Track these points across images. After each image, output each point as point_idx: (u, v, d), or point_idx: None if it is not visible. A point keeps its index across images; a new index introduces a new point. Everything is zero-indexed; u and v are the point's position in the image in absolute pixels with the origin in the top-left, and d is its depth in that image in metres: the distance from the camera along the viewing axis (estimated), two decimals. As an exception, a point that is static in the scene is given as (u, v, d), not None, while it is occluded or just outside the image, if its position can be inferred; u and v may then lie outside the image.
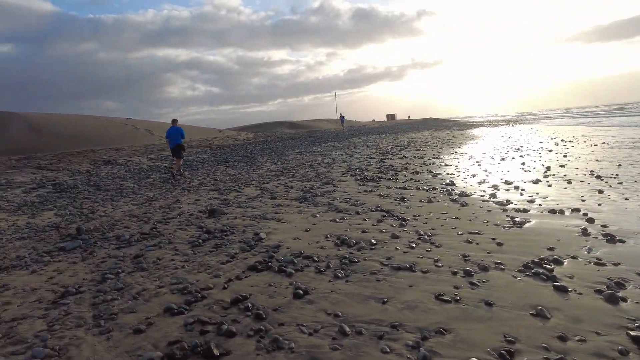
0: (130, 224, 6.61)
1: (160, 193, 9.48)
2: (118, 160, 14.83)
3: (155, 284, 4.08)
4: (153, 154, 17.23)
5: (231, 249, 5.15)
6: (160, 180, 11.29)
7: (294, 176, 11.59)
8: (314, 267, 4.40)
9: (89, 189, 9.95)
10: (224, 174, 12.42)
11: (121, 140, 20.63)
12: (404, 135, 33.67)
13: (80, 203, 8.44)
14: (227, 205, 7.86)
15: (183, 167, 12.86)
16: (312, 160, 16.02)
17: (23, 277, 4.43)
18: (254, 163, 15.32)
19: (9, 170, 12.40)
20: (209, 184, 10.72)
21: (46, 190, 9.76)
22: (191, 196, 8.98)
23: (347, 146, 23.40)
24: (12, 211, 7.74)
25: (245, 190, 9.58)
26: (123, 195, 9.26)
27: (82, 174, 12.13)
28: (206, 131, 30.61)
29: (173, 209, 7.73)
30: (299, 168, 13.36)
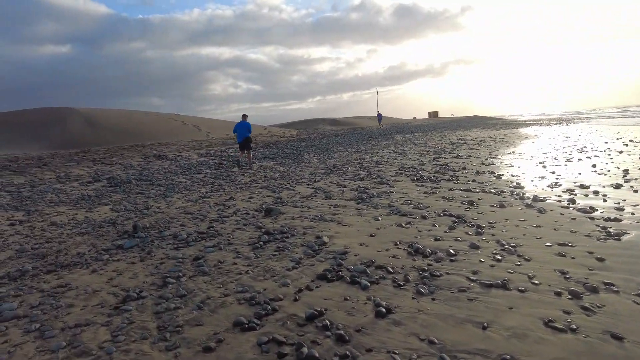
0: (186, 222, 6.40)
1: (213, 189, 9.31)
2: (168, 155, 14.96)
3: (220, 292, 3.76)
4: (201, 150, 17.32)
5: (295, 253, 4.79)
6: (211, 177, 11.18)
7: (345, 174, 11.15)
8: (390, 279, 3.95)
9: (141, 184, 9.96)
10: (273, 171, 12.18)
11: (170, 135, 20.96)
12: (452, 133, 32.44)
13: (134, 198, 8.38)
14: (282, 204, 7.53)
15: (252, 161, 13.69)
16: (360, 158, 15.53)
17: (84, 276, 4.25)
18: (301, 160, 15.02)
19: (67, 163, 12.73)
20: (260, 181, 10.48)
21: (101, 184, 9.84)
22: (244, 193, 8.74)
23: (394, 144, 22.71)
24: (71, 205, 7.77)
25: (298, 188, 9.24)
26: (176, 190, 9.17)
27: (134, 168, 12.25)
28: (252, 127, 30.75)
29: (228, 206, 7.49)
30: (348, 166, 12.91)
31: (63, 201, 8.02)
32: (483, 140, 22.94)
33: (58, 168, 11.79)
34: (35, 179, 10.24)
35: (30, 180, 10.05)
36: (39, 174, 10.79)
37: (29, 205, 7.69)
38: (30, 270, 4.44)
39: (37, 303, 3.62)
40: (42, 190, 8.93)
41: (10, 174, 10.78)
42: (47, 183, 9.73)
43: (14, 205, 7.66)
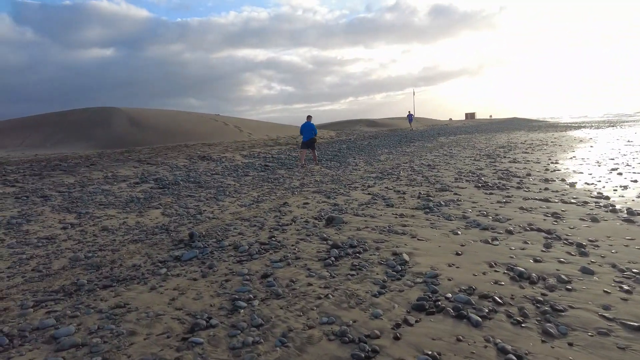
0: (244, 230, 5.90)
1: (264, 193, 8.83)
2: (212, 156, 14.69)
3: (302, 322, 3.19)
4: (244, 151, 17.00)
5: (375, 273, 4.16)
6: (259, 179, 10.73)
7: (399, 179, 10.45)
8: (503, 313, 3.26)
9: (190, 186, 9.61)
10: (321, 174, 11.61)
11: (212, 136, 20.82)
12: (497, 135, 31.00)
13: (185, 201, 8.00)
14: (342, 212, 6.94)
15: (316, 160, 14.48)
16: (409, 161, 14.75)
17: (143, 294, 3.78)
18: (347, 162, 14.39)
19: (113, 163, 12.63)
20: (310, 184, 9.93)
21: (149, 185, 9.57)
22: (297, 198, 8.20)
23: (439, 146, 21.75)
24: (120, 207, 7.46)
25: (353, 194, 8.63)
26: (226, 194, 8.74)
27: (180, 169, 11.99)
28: (289, 129, 30.39)
29: (284, 212, 6.96)
30: (399, 170, 12.18)
31: (112, 203, 7.72)
32: (534, 143, 21.62)
33: (105, 168, 11.68)
34: (84, 179, 10.10)
35: (79, 180, 9.91)
36: (88, 174, 10.67)
37: (79, 207, 7.43)
38: (86, 284, 4.02)
39: (96, 327, 3.16)
40: (92, 191, 8.72)
41: (61, 174, 10.70)
42: (95, 183, 9.54)
43: (65, 206, 7.41)
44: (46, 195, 8.23)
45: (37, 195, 8.19)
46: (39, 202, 7.71)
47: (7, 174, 10.64)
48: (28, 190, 8.63)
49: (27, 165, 12.36)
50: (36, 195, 8.24)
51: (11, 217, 6.68)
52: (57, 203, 7.67)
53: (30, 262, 4.75)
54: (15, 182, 9.46)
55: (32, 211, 7.06)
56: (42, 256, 4.94)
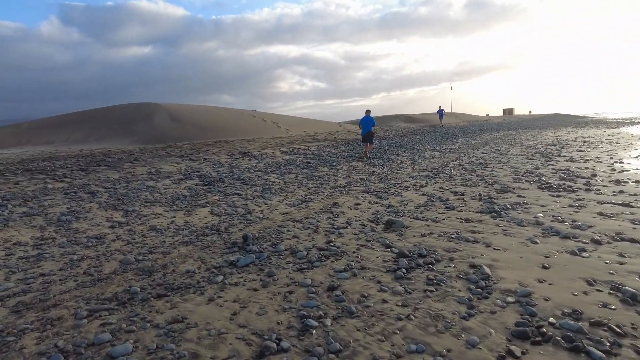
0: (299, 233, 5.52)
1: (311, 192, 8.44)
2: (253, 153, 14.47)
3: (387, 349, 2.75)
4: (284, 147, 16.71)
5: (455, 289, 3.68)
6: (303, 177, 10.36)
7: (452, 179, 9.83)
8: (629, 347, 2.71)
9: (234, 183, 9.35)
10: (366, 172, 11.13)
11: (250, 132, 20.68)
12: (542, 132, 29.53)
13: (232, 200, 7.72)
14: (398, 215, 6.45)
15: (371, 153, 15.03)
16: (457, 158, 14.02)
17: (201, 307, 3.45)
18: (391, 160, 13.82)
19: (156, 158, 12.60)
20: (357, 183, 9.47)
21: (193, 182, 9.38)
22: (347, 198, 7.77)
23: (485, 143, 20.79)
24: (167, 205, 7.25)
25: (405, 194, 8.11)
26: (272, 192, 8.40)
27: (223, 165, 11.79)
28: (325, 124, 29.99)
29: (336, 214, 6.54)
30: (449, 168, 11.52)
31: (158, 201, 7.54)
32: (587, 141, 20.30)
33: (148, 164, 11.63)
34: (128, 174, 10.04)
35: (124, 175, 9.85)
36: (132, 170, 10.62)
37: (125, 204, 7.27)
38: (139, 291, 3.74)
39: (154, 346, 2.84)
40: (137, 187, 8.59)
41: (106, 169, 10.71)
42: (140, 179, 9.44)
43: (112, 203, 7.28)
44: (93, 191, 8.15)
45: (85, 191, 8.12)
46: (87, 198, 7.62)
47: (56, 169, 10.73)
48: (76, 186, 8.60)
49: (74, 160, 12.51)
50: (84, 191, 8.17)
51: (61, 213, 6.58)
52: (104, 200, 7.55)
53: (81, 264, 4.53)
54: (63, 177, 9.49)
55: (80, 208, 6.95)
56: (93, 257, 4.72)
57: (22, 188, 8.37)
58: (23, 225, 5.97)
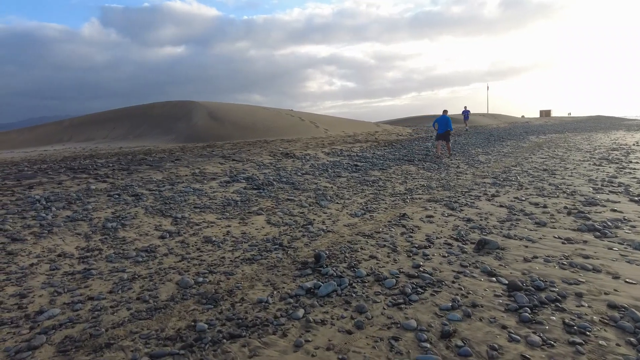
0: (375, 252, 4.74)
1: (369, 199, 7.65)
2: (295, 154, 13.81)
3: None
4: (325, 148, 15.99)
5: (610, 341, 2.81)
6: (354, 181, 9.57)
7: (522, 187, 8.82)
8: None
9: (284, 187, 8.66)
10: (424, 178, 10.23)
11: (289, 131, 20.07)
12: (594, 135, 27.71)
13: (286, 207, 7.02)
14: (484, 231, 5.57)
15: (450, 151, 15.33)
16: (516, 163, 12.91)
17: (288, 356, 2.71)
18: (444, 164, 12.84)
19: (198, 158, 12.11)
20: (418, 190, 8.60)
21: (241, 185, 8.75)
22: (414, 208, 6.94)
23: (536, 146, 19.45)
24: (219, 212, 6.61)
25: (480, 205, 7.21)
26: (328, 199, 7.66)
27: (268, 167, 11.16)
28: (362, 124, 29.11)
29: (409, 228, 5.73)
30: (513, 174, 10.48)
31: (208, 206, 6.91)
32: (655, 146, 18.61)
33: (191, 164, 11.13)
34: (172, 175, 9.52)
35: (167, 176, 9.34)
36: (174, 170, 10.12)
37: (173, 209, 6.68)
38: (207, 329, 3.04)
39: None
40: (183, 190, 8.02)
41: (148, 169, 10.26)
42: (184, 181, 8.90)
43: (158, 208, 6.70)
44: (137, 193, 7.63)
45: (129, 194, 7.61)
46: (131, 201, 7.08)
47: (97, 167, 10.36)
48: (119, 187, 8.12)
49: (115, 159, 12.17)
50: (127, 193, 7.66)
51: (106, 219, 6.04)
52: (149, 204, 6.99)
53: (133, 285, 3.90)
54: (106, 178, 9.06)
55: (125, 213, 6.40)
56: (145, 277, 4.09)
57: (66, 188, 7.95)
58: (67, 233, 5.44)
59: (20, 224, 5.75)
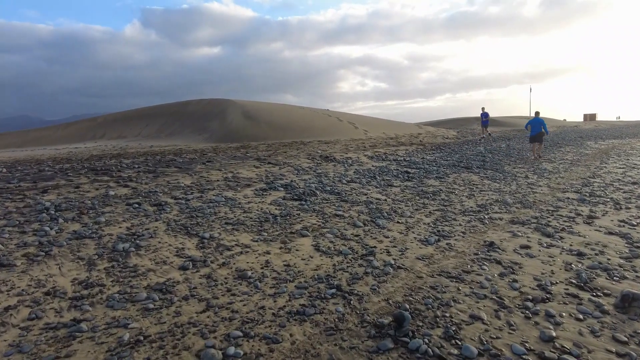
0: (475, 308, 3.34)
1: (437, 218, 6.22)
2: (335, 157, 12.49)
3: None
4: (367, 151, 14.59)
5: None
6: (411, 192, 8.14)
7: (621, 206, 7.18)
8: None
9: (329, 198, 7.35)
10: (492, 190, 8.67)
11: (327, 132, 18.78)
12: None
13: (336, 225, 5.70)
14: (611, 273, 4.06)
15: (543, 151, 15.80)
16: (592, 174, 11.09)
17: None
18: (506, 172, 11.19)
19: (231, 160, 10.99)
20: (493, 206, 7.10)
21: (279, 194, 7.50)
22: (500, 234, 5.48)
23: (602, 153, 17.38)
24: (255, 231, 5.35)
25: (580, 230, 5.69)
26: (384, 216, 6.28)
27: (307, 172, 9.89)
28: (403, 126, 27.46)
29: (507, 266, 4.28)
30: (599, 188, 8.77)
31: (242, 222, 5.68)
32: None
33: (223, 167, 10.01)
34: (202, 179, 8.40)
35: (196, 181, 8.22)
36: (205, 174, 9.01)
37: (200, 225, 5.49)
38: None
39: None
40: (213, 199, 6.85)
41: (176, 171, 9.20)
42: (215, 187, 7.74)
43: (183, 223, 5.52)
44: (161, 202, 6.50)
45: (151, 202, 6.49)
46: (152, 213, 5.95)
47: (122, 169, 9.38)
48: (141, 194, 7.03)
49: (142, 159, 11.23)
50: (149, 201, 6.56)
51: (118, 237, 4.89)
52: (173, 216, 5.84)
53: (134, 355, 2.67)
54: (129, 181, 8.03)
55: (143, 229, 5.24)
56: (154, 340, 2.85)
57: (82, 194, 6.93)
58: (68, 256, 4.31)
59: (17, 240, 4.69)
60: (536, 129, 15.13)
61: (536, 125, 15.18)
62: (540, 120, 15.26)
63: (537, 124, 15.21)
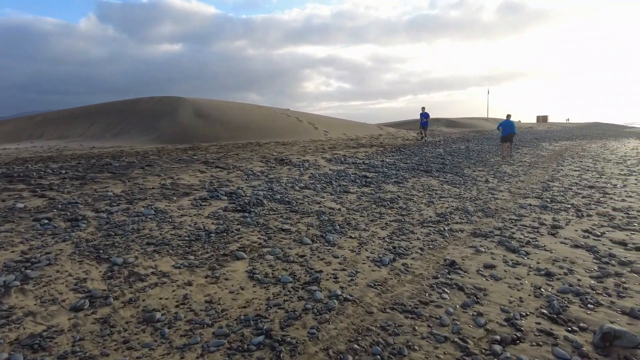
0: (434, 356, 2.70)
1: (394, 231, 5.61)
2: (292, 160, 11.74)
3: None
4: (326, 153, 13.93)
5: None
6: (366, 199, 7.53)
7: (582, 213, 6.88)
8: None
9: (278, 208, 6.61)
10: (452, 195, 8.21)
11: (285, 133, 18.00)
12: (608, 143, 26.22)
13: (279, 243, 4.97)
14: (583, 298, 3.58)
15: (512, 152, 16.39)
16: (550, 177, 10.95)
17: None
18: (466, 175, 10.84)
19: (175, 164, 10.01)
20: (453, 215, 6.59)
21: (221, 204, 6.67)
22: (461, 249, 4.92)
23: (557, 155, 17.63)
24: (181, 253, 4.53)
25: (545, 242, 5.25)
26: (336, 229, 5.60)
27: (258, 177, 9.08)
28: (365, 127, 27.07)
29: (470, 293, 3.71)
30: (559, 193, 8.53)
31: (168, 243, 4.83)
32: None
33: (164, 171, 9.05)
34: (136, 187, 7.45)
35: (128, 189, 7.26)
36: (141, 180, 8.04)
37: (117, 246, 4.61)
38: None
39: None
40: (141, 212, 5.95)
41: (108, 178, 8.17)
42: (148, 197, 6.82)
43: (95, 244, 4.62)
44: (78, 217, 5.54)
45: (66, 217, 5.52)
46: (62, 231, 5.00)
47: (45, 175, 8.25)
48: (57, 205, 6.03)
49: (74, 163, 10.06)
50: (65, 216, 5.58)
51: (4, 266, 3.95)
52: (87, 235, 4.91)
53: None
54: (48, 190, 6.97)
55: (43, 253, 4.31)
56: None
57: (-20, 207, 5.84)
58: None
59: None
60: (507, 130, 15.88)
61: (507, 126, 15.95)
62: (511, 123, 16.16)
63: (508, 125, 16.01)
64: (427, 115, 21.72)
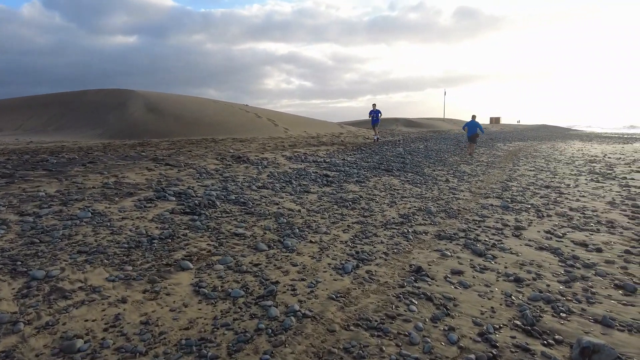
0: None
1: (356, 234, 5.28)
2: (250, 157, 11.20)
3: None
4: (286, 151, 13.47)
5: None
6: (328, 200, 7.18)
7: (542, 214, 6.89)
8: None
9: (232, 210, 6.11)
10: (415, 196, 8.03)
11: (243, 129, 17.35)
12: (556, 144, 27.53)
13: (231, 250, 4.50)
14: (555, 307, 3.40)
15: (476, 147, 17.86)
16: (509, 177, 11.08)
17: None
18: (426, 175, 10.76)
19: (121, 161, 9.23)
20: (416, 216, 6.36)
21: (168, 205, 6.09)
22: (427, 254, 4.66)
23: (512, 155, 18.13)
24: (116, 264, 3.96)
25: (510, 244, 5.11)
26: (295, 233, 5.21)
27: (212, 176, 8.51)
28: (326, 125, 26.80)
29: (440, 304, 3.44)
30: (518, 193, 8.58)
31: (103, 251, 4.25)
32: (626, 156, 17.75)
33: (108, 169, 8.29)
34: (73, 187, 6.70)
35: (64, 189, 6.51)
36: (80, 178, 7.28)
37: (42, 255, 3.99)
38: None
39: None
40: (76, 215, 5.28)
41: (42, 176, 7.34)
42: (87, 197, 6.12)
43: (13, 255, 3.97)
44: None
45: (-18, 221, 4.78)
46: (-24, 238, 4.29)
47: (-35, 172, 7.30)
48: (-25, 208, 5.25)
49: (3, 159, 9.06)
50: (-19, 219, 4.83)
51: None
52: (3, 244, 4.24)
53: None
54: (-34, 189, 6.11)
55: (-55, 266, 3.62)
56: None
57: None
58: None
59: None
60: (472, 130, 16.81)
61: (472, 127, 16.83)
62: (476, 123, 16.96)
63: (473, 126, 16.87)
64: (378, 112, 19.73)
